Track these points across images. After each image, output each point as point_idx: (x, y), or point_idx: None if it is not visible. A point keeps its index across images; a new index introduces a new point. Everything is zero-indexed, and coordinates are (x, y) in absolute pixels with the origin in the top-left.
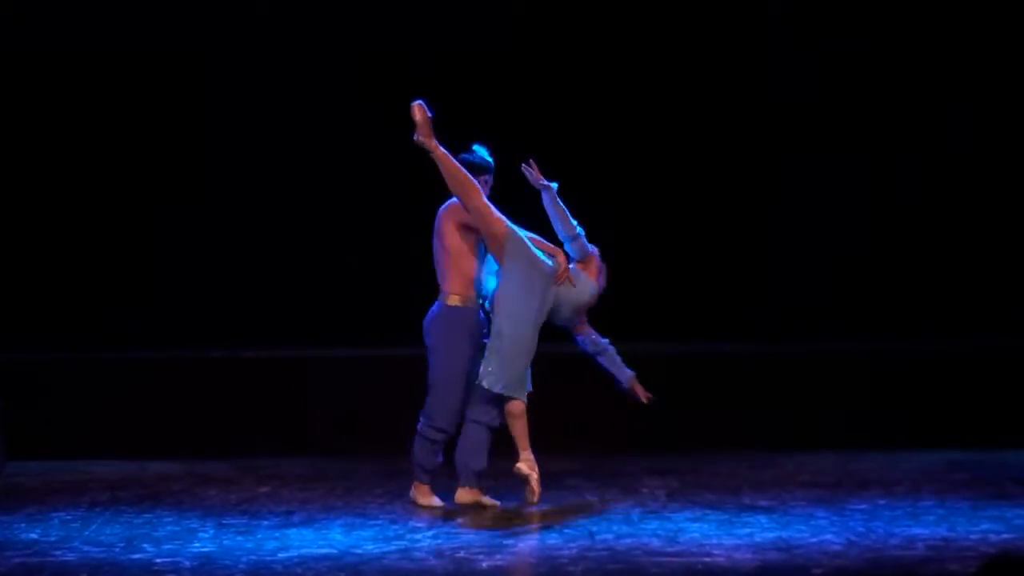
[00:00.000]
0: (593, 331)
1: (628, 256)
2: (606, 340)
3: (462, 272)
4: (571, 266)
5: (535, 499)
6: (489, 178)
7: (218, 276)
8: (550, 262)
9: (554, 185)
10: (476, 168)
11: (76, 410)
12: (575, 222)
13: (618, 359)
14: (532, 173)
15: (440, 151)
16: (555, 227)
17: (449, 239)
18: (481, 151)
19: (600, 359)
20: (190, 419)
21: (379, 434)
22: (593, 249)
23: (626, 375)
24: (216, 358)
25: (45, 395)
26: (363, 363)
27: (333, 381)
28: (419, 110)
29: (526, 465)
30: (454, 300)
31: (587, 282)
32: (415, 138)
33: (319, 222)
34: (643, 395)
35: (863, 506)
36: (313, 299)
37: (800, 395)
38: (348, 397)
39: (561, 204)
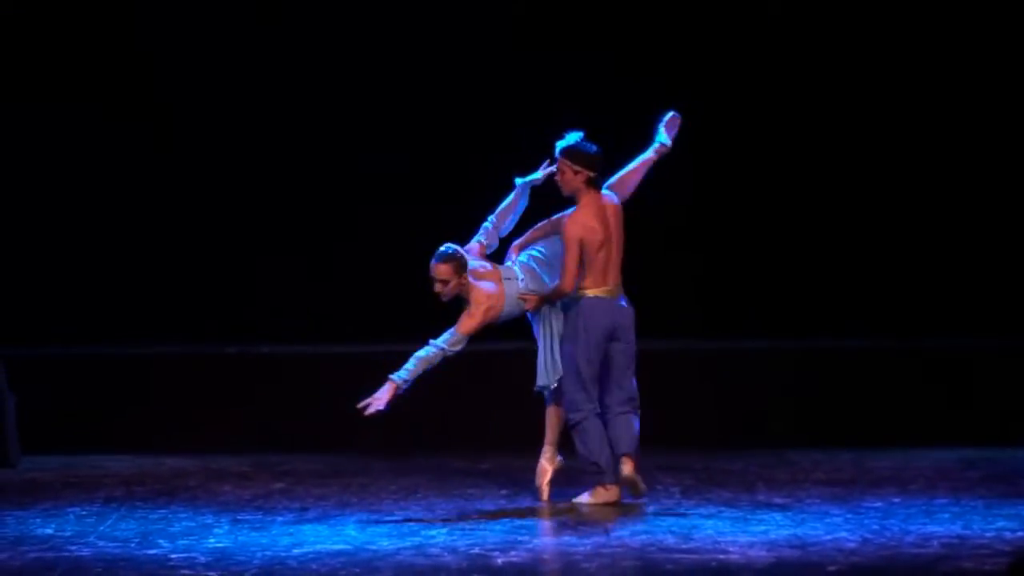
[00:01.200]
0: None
1: (640, 254)
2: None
3: None
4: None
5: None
6: None
7: (234, 271)
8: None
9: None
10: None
11: (91, 405)
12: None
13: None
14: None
15: None
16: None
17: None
18: (576, 137)
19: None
20: (205, 414)
21: (394, 431)
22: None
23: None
24: (231, 354)
25: (60, 390)
26: (379, 359)
27: (349, 377)
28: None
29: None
30: None
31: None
32: (669, 144)
33: (334, 218)
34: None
35: (878, 504)
36: (329, 295)
37: (814, 392)
38: (364, 393)
39: (503, 205)
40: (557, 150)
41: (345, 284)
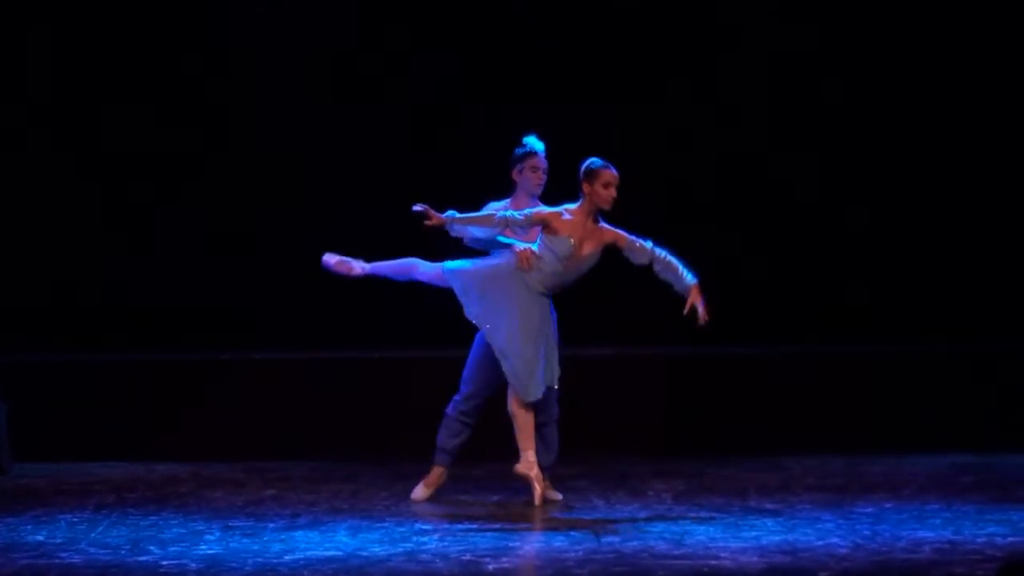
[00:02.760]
0: (636, 241)
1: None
2: (650, 244)
3: None
4: (532, 246)
5: (537, 500)
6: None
7: (226, 278)
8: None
9: (452, 213)
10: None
11: (83, 412)
12: (488, 212)
13: (675, 265)
14: (429, 216)
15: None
16: (480, 235)
17: None
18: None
19: (655, 267)
20: (196, 421)
21: (385, 437)
22: (528, 211)
23: (684, 284)
24: (222, 360)
25: (52, 397)
26: (370, 365)
27: (340, 383)
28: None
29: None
30: None
31: (554, 242)
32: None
33: (325, 223)
34: (701, 312)
35: (869, 509)
36: (320, 300)
37: (806, 398)
38: (355, 399)
39: (467, 216)
40: (542, 150)
41: (336, 289)
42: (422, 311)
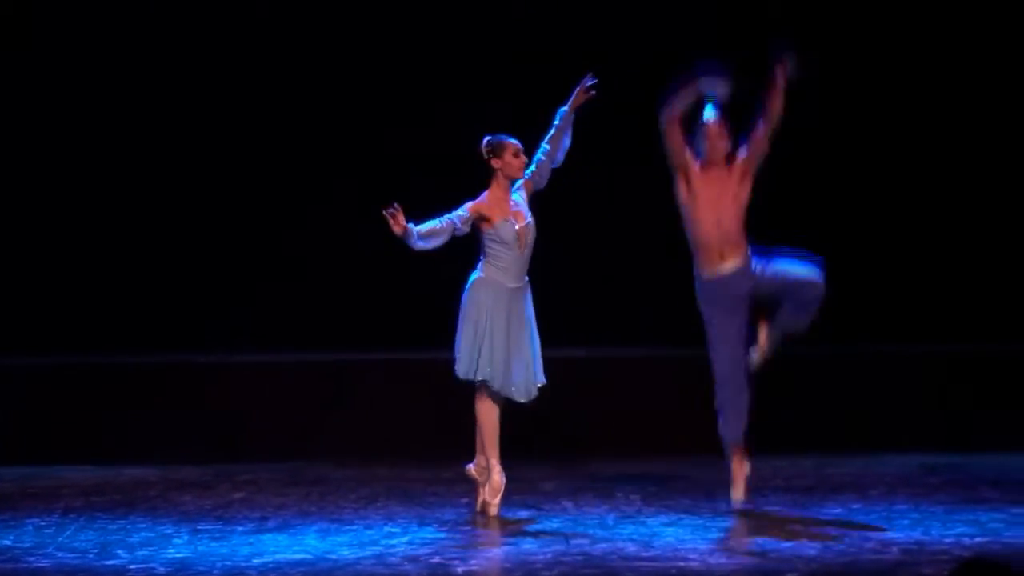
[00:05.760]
0: (534, 169)
1: (622, 260)
2: (537, 155)
3: None
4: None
5: (478, 507)
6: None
7: (194, 280)
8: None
9: (411, 225)
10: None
11: (51, 415)
12: (434, 223)
13: (553, 135)
14: (396, 220)
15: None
16: (440, 243)
17: None
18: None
19: (557, 155)
20: (164, 424)
21: (355, 439)
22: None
23: (566, 120)
24: (191, 363)
25: (19, 400)
26: (341, 367)
27: (310, 385)
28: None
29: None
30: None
31: (497, 232)
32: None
33: (294, 224)
34: (583, 90)
35: (837, 510)
36: (291, 302)
37: (774, 399)
38: (325, 402)
39: (424, 228)
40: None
41: (307, 292)
42: (392, 315)
